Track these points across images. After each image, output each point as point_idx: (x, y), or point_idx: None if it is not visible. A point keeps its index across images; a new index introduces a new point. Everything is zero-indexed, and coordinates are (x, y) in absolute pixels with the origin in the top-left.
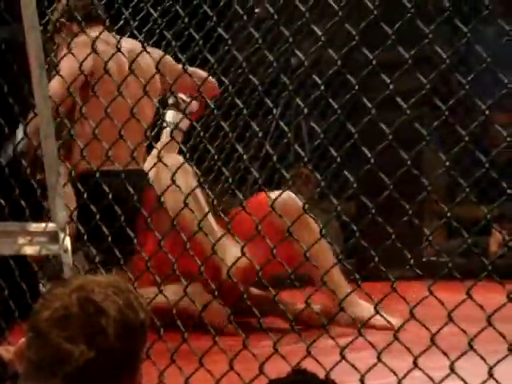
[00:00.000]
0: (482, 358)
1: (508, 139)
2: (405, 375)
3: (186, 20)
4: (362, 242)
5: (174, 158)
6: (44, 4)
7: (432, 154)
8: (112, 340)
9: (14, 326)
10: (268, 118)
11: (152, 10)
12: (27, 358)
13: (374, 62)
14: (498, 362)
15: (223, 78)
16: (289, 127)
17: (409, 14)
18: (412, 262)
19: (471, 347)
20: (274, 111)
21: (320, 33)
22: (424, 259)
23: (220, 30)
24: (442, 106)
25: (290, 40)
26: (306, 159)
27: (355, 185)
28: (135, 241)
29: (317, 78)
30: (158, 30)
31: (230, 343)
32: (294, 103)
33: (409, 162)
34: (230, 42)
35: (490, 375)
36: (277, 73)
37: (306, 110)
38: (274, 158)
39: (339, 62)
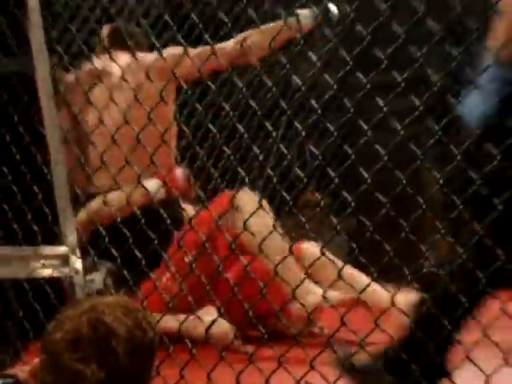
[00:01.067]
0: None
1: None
2: None
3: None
4: (361, 258)
5: None
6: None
7: (428, 172)
8: (122, 359)
9: (28, 346)
10: (269, 141)
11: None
12: (41, 379)
13: (368, 86)
14: None
15: (224, 104)
16: (290, 147)
17: (400, 40)
18: (409, 277)
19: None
20: (274, 134)
21: (315, 59)
22: (424, 270)
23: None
24: (435, 127)
25: (287, 66)
26: (305, 182)
27: (353, 204)
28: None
29: (313, 103)
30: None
31: (237, 355)
32: (295, 125)
33: (404, 181)
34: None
35: None
36: (276, 97)
37: (303, 134)
38: (274, 180)
39: (335, 86)
